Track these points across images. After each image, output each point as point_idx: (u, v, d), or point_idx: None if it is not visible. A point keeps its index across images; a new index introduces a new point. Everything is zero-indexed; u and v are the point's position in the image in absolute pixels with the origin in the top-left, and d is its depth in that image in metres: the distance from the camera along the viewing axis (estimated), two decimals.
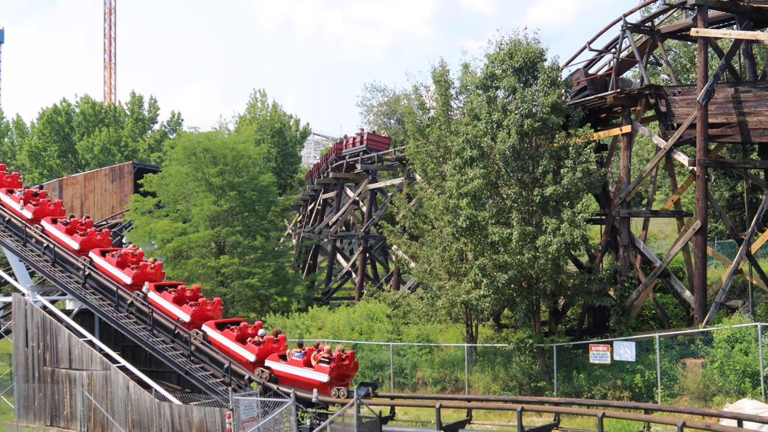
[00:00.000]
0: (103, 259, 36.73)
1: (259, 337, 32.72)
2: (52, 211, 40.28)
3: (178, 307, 34.07)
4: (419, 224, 40.09)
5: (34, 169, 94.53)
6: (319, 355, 30.64)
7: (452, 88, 39.87)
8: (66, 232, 38.11)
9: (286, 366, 31.10)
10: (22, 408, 35.68)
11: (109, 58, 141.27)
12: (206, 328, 33.33)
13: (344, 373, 30.86)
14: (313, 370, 30.43)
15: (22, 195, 41.41)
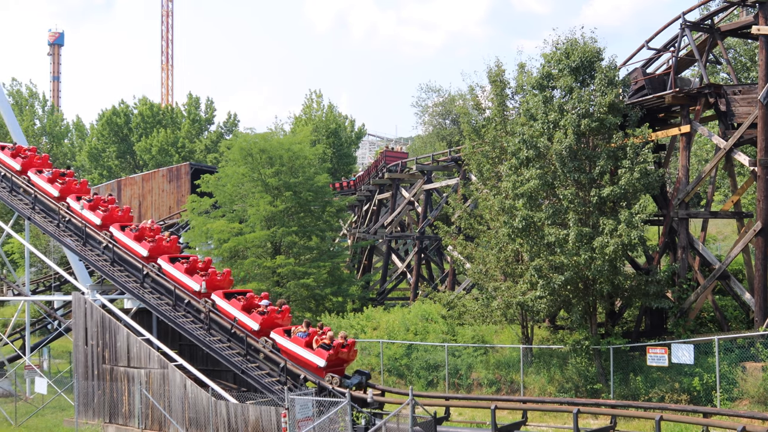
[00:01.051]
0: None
1: (263, 307, 33.99)
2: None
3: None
4: (475, 225, 39.96)
5: (94, 170, 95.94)
6: (321, 339, 31.53)
7: (508, 88, 39.69)
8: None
9: (289, 342, 32.09)
10: (81, 405, 36.15)
11: (167, 60, 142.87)
12: (215, 297, 34.69)
13: (342, 359, 31.78)
14: (312, 352, 31.38)
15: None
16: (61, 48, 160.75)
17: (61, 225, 40.15)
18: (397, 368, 40.14)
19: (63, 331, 47.80)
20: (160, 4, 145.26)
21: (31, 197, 41.69)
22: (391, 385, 38.91)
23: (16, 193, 42.81)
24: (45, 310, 55.08)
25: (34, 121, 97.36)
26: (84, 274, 54.85)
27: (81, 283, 43.13)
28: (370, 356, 41.63)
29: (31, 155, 46.10)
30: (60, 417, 37.82)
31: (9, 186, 42.24)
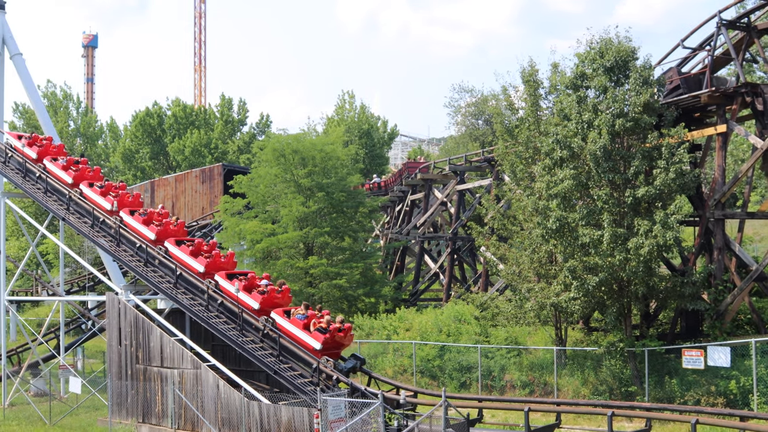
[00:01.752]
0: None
1: (264, 286, 35.30)
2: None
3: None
4: (508, 225, 39.77)
5: (127, 171, 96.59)
6: (318, 322, 32.81)
7: (541, 88, 39.44)
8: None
9: (288, 323, 33.39)
10: (115, 405, 36.31)
11: (199, 62, 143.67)
12: (217, 277, 35.92)
13: (338, 343, 32.98)
14: (309, 334, 32.61)
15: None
16: (95, 50, 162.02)
17: (95, 225, 40.35)
18: (429, 369, 40.02)
19: (97, 331, 48.09)
20: (192, 5, 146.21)
21: (44, 184, 42.36)
22: (423, 386, 38.82)
23: (31, 179, 43.17)
24: (79, 310, 55.46)
25: (68, 122, 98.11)
26: (118, 274, 55.18)
27: (115, 283, 43.41)
28: (402, 357, 41.55)
29: (47, 144, 46.98)
30: (94, 416, 38.04)
31: (44, 187, 42.50)
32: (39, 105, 64.26)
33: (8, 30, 61.50)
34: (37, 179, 42.99)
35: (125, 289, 38.03)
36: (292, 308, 34.61)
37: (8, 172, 43.98)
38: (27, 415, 39.32)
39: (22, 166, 43.62)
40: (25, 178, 43.33)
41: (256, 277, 36.49)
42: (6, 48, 61.01)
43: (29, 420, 38.60)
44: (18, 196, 48.21)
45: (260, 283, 35.84)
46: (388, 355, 42.33)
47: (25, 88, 62.06)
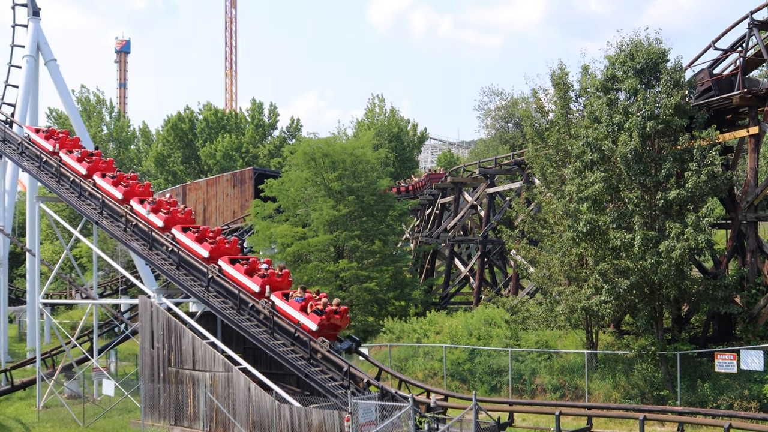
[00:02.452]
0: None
1: (264, 270, 36.51)
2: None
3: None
4: (538, 229, 39.69)
5: (159, 175, 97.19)
6: (315, 304, 34.03)
7: (571, 91, 39.33)
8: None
9: (285, 305, 34.65)
10: (147, 407, 36.57)
11: (230, 66, 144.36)
12: (221, 262, 37.22)
13: (335, 325, 34.23)
14: (306, 316, 33.90)
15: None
16: (128, 55, 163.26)
17: (128, 229, 40.68)
18: (460, 373, 40.00)
19: (130, 334, 48.40)
20: (223, 11, 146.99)
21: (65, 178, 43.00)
22: (454, 390, 38.79)
23: (47, 171, 43.70)
24: (112, 314, 55.86)
25: (101, 127, 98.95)
26: (150, 277, 55.56)
27: (147, 286, 43.68)
28: (433, 361, 41.54)
29: (63, 137, 48.33)
30: (126, 419, 38.31)
31: (78, 191, 42.89)
32: (73, 110, 65.00)
33: (43, 36, 62.22)
34: (71, 184, 43.41)
35: (157, 293, 38.29)
36: (291, 291, 35.72)
37: (43, 177, 44.46)
38: (61, 417, 39.66)
39: (57, 171, 44.07)
40: (60, 182, 43.76)
41: (258, 261, 37.57)
42: (41, 54, 61.77)
43: (63, 422, 38.94)
44: (52, 200, 48.71)
45: (261, 267, 36.95)
46: (418, 358, 42.33)
47: (59, 93, 62.86)
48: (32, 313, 56.07)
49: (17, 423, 39.67)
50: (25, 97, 59.00)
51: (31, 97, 60.49)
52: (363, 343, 45.75)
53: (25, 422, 39.66)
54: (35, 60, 61.67)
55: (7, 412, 42.04)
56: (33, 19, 62.31)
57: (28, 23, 62.80)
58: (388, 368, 37.55)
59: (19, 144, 46.63)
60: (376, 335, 47.75)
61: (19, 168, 49.57)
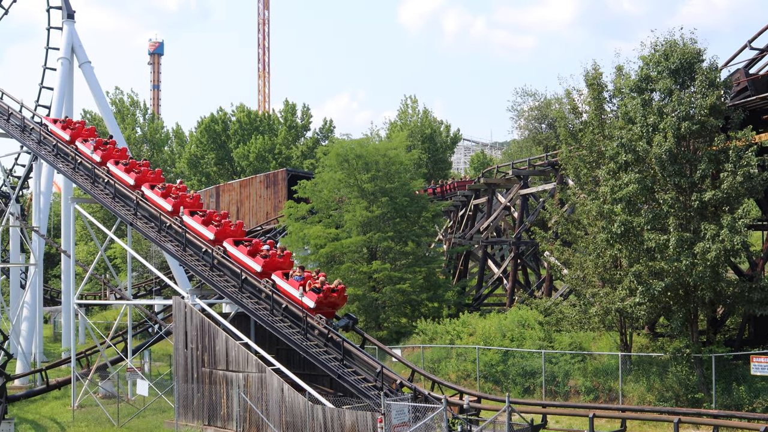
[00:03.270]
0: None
1: (265, 251, 38.14)
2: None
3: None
4: (572, 230, 39.50)
5: (193, 177, 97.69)
6: (313, 283, 35.84)
7: (605, 91, 39.10)
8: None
9: (285, 283, 36.38)
10: (181, 407, 36.76)
11: (263, 68, 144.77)
12: (225, 244, 38.90)
13: (332, 303, 36.11)
14: (304, 294, 35.65)
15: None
16: (161, 57, 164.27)
17: (162, 230, 40.90)
18: (493, 375, 39.89)
19: (163, 334, 48.72)
20: (256, 12, 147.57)
21: (112, 189, 43.27)
22: (487, 391, 38.70)
23: (99, 185, 44.04)
24: (146, 314, 56.20)
25: (135, 129, 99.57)
26: (184, 278, 55.85)
27: (181, 287, 43.94)
28: (466, 362, 41.47)
29: (79, 127, 49.49)
30: (160, 419, 38.53)
31: (112, 192, 43.18)
32: (107, 112, 65.49)
33: (77, 39, 62.75)
34: (105, 185, 43.72)
35: (191, 293, 38.49)
36: (291, 270, 37.41)
37: (77, 178, 44.80)
38: (96, 417, 39.96)
39: (91, 172, 44.40)
40: (94, 183, 44.07)
41: (261, 242, 39.60)
42: (75, 56, 62.30)
43: (98, 421, 39.23)
44: (86, 201, 49.08)
45: (263, 248, 38.61)
46: (451, 360, 42.27)
47: (94, 95, 63.39)
48: (67, 313, 56.62)
49: (53, 422, 40.02)
50: (60, 99, 59.52)
51: (66, 99, 61.00)
52: (396, 344, 45.81)
53: (60, 421, 40.00)
54: (70, 62, 62.19)
55: (43, 412, 42.42)
56: (67, 22, 62.87)
57: (62, 26, 63.40)
58: (421, 369, 37.52)
59: (54, 146, 47.00)
60: (409, 336, 47.73)
61: (54, 169, 49.97)
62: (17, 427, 38.01)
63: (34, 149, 48.71)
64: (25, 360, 52.03)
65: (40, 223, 55.97)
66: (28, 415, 41.47)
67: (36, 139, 48.54)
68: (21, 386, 48.94)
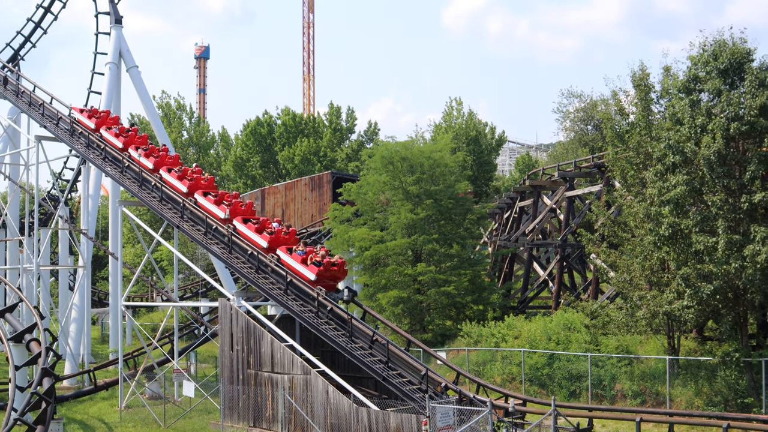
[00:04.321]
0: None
1: (272, 228, 40.22)
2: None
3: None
4: (618, 232, 39.17)
5: (238, 179, 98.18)
6: (315, 257, 37.58)
7: (653, 92, 38.74)
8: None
9: (289, 258, 38.19)
10: (227, 409, 36.94)
11: (308, 71, 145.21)
12: (235, 222, 40.77)
13: (333, 276, 37.78)
14: (306, 267, 37.39)
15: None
16: (207, 61, 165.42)
17: (208, 233, 41.16)
18: (538, 378, 39.67)
19: (209, 336, 49.01)
20: (301, 15, 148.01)
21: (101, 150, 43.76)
22: (532, 395, 38.49)
23: (146, 188, 44.57)
24: (192, 316, 56.64)
25: (181, 132, 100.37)
26: (229, 280, 56.14)
27: (227, 289, 44.12)
28: (511, 365, 41.28)
29: (104, 116, 51.09)
30: (206, 420, 38.74)
31: (159, 196, 43.51)
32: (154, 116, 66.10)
33: (125, 44, 63.39)
34: (152, 188, 44.08)
35: (237, 296, 38.67)
36: (295, 246, 39.20)
37: (125, 182, 45.22)
38: (142, 417, 40.27)
39: (139, 176, 44.79)
40: (141, 186, 44.45)
41: (269, 220, 41.67)
42: (123, 61, 62.93)
43: (144, 422, 39.53)
44: (134, 204, 49.53)
45: (272, 225, 40.69)
46: (496, 362, 42.10)
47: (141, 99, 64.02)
48: (115, 315, 57.15)
49: (100, 422, 40.39)
50: (107, 104, 60.12)
51: (114, 103, 61.62)
52: (441, 347, 45.72)
53: (107, 422, 40.36)
54: (117, 67, 62.83)
55: (91, 412, 42.84)
56: (115, 27, 63.55)
57: (110, 31, 64.11)
58: (466, 372, 37.42)
59: (103, 149, 47.47)
60: (454, 339, 47.61)
61: (102, 173, 50.48)
62: (66, 427, 38.39)
63: (83, 152, 49.22)
64: (73, 361, 52.58)
65: (89, 226, 56.54)
66: (76, 416, 41.92)
67: (84, 142, 49.04)
68: (69, 387, 49.45)
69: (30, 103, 53.60)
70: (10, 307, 39.17)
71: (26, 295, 51.57)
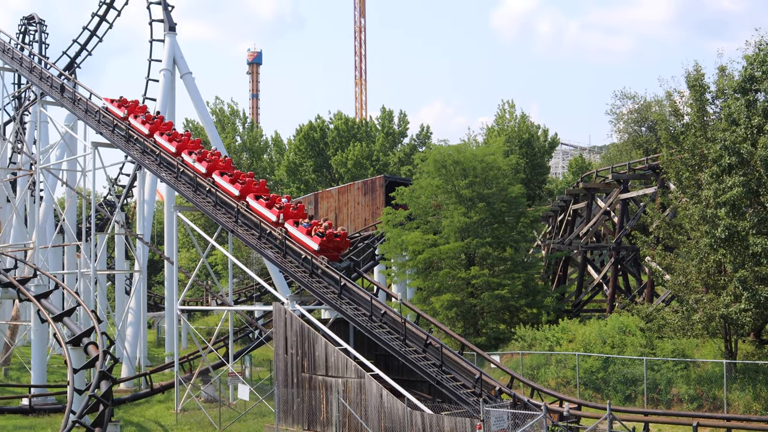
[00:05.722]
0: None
1: (281, 203, 42.65)
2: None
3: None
4: (674, 235, 38.79)
5: (291, 184, 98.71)
6: (318, 229, 40.25)
7: (708, 93, 38.30)
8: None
9: (295, 230, 40.84)
10: (281, 412, 37.15)
11: (360, 75, 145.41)
12: (248, 198, 43.38)
13: (336, 247, 40.35)
14: (310, 238, 39.97)
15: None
16: (259, 66, 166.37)
17: (262, 237, 41.47)
18: (593, 382, 39.38)
19: (264, 339, 49.31)
20: (352, 20, 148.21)
21: (214, 197, 43.55)
22: (587, 399, 38.21)
23: (201, 193, 45.09)
24: (247, 320, 57.01)
25: (235, 137, 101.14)
26: (283, 284, 56.44)
27: (281, 293, 44.40)
28: (565, 369, 41.02)
29: (133, 105, 53.31)
30: (261, 423, 38.99)
31: (213, 200, 43.92)
32: (208, 121, 66.71)
33: (178, 50, 64.12)
34: (206, 193, 44.52)
35: (291, 299, 38.90)
36: (301, 219, 41.73)
37: (180, 187, 45.68)
38: (198, 420, 40.64)
39: (193, 181, 45.23)
40: (196, 192, 44.89)
41: (279, 197, 43.87)
42: (177, 68, 63.66)
43: (200, 425, 39.89)
44: (188, 209, 50.03)
45: (282, 200, 43.06)
46: (550, 366, 41.87)
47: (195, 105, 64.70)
48: (170, 318, 57.77)
49: (157, 425, 40.85)
50: (162, 110, 60.83)
51: (168, 109, 62.34)
52: (494, 350, 45.59)
53: (164, 424, 40.80)
54: (171, 73, 63.56)
55: (147, 414, 43.33)
56: (169, 34, 64.30)
57: (164, 38, 64.85)
58: (520, 376, 37.28)
59: (157, 155, 48.01)
60: (508, 343, 47.42)
61: (158, 178, 51.06)
62: (123, 430, 38.89)
63: (138, 158, 49.79)
64: (130, 364, 53.24)
65: (144, 231, 57.25)
66: (133, 418, 42.45)
67: (139, 148, 49.60)
68: (126, 389, 50.09)
69: (86, 110, 54.36)
70: (68, 311, 39.78)
71: (84, 299, 52.31)
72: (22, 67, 61.43)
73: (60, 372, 54.77)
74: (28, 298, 41.75)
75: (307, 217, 43.00)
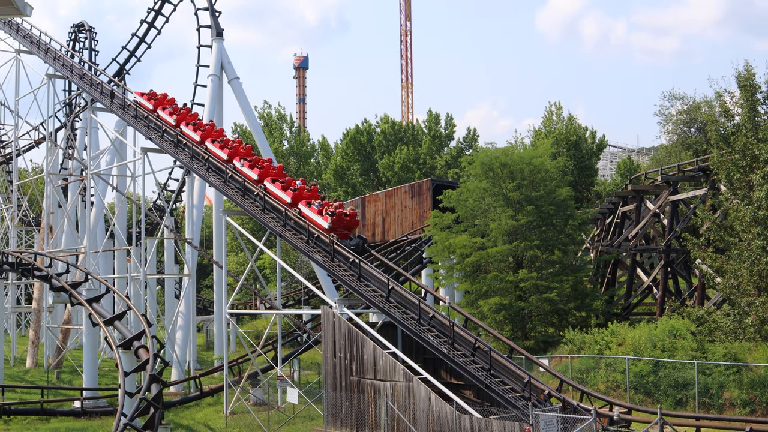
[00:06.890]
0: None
1: (295, 185, 44.84)
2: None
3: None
4: (725, 237, 38.34)
5: (339, 188, 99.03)
6: (329, 209, 42.40)
7: (759, 93, 37.84)
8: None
9: (308, 210, 43.12)
10: (330, 415, 37.26)
11: (406, 79, 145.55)
12: (265, 182, 45.67)
13: (346, 226, 42.54)
14: (321, 217, 42.10)
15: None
16: (306, 71, 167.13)
17: (310, 241, 41.67)
18: (643, 386, 39.03)
19: (312, 343, 49.48)
20: (398, 24, 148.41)
21: (263, 202, 43.80)
22: (637, 403, 37.87)
23: (249, 197, 45.65)
24: (295, 323, 57.25)
25: (282, 142, 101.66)
26: (331, 288, 56.61)
27: (329, 297, 44.55)
28: (615, 373, 40.70)
29: (161, 98, 55.12)
30: (309, 426, 39.13)
31: (262, 205, 44.20)
32: (255, 126, 67.21)
33: (226, 56, 64.65)
34: (255, 198, 44.84)
35: (339, 303, 39.01)
36: (313, 200, 43.82)
37: (228, 191, 46.03)
38: (247, 423, 40.87)
39: (241, 186, 45.55)
40: (244, 196, 45.20)
41: (294, 180, 46.12)
42: (224, 73, 64.19)
43: (249, 428, 40.12)
44: (237, 213, 50.36)
45: (296, 183, 45.09)
46: (600, 370, 41.55)
47: (243, 110, 65.22)
48: (219, 322, 58.24)
49: (206, 428, 41.16)
50: (210, 115, 61.34)
51: (216, 114, 62.85)
52: (543, 354, 45.38)
53: (213, 427, 41.10)
54: (219, 79, 64.11)
55: (197, 417, 43.69)
56: (216, 40, 64.84)
57: (212, 44, 65.44)
58: (569, 380, 37.05)
59: (206, 160, 48.38)
60: (557, 346, 47.16)
61: (206, 183, 51.45)
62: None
63: (187, 163, 50.20)
64: (179, 367, 53.69)
65: (193, 235, 57.71)
66: (183, 421, 42.81)
67: (188, 153, 50.00)
68: (176, 393, 50.53)
69: (136, 116, 54.94)
70: (119, 314, 40.21)
71: (134, 303, 52.80)
72: (73, 74, 62.24)
73: (111, 375, 55.39)
74: (79, 302, 42.22)
75: (320, 198, 45.02)
